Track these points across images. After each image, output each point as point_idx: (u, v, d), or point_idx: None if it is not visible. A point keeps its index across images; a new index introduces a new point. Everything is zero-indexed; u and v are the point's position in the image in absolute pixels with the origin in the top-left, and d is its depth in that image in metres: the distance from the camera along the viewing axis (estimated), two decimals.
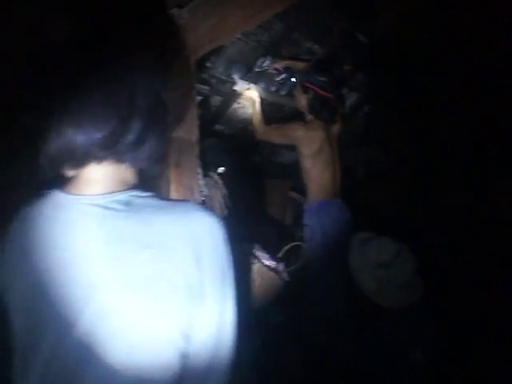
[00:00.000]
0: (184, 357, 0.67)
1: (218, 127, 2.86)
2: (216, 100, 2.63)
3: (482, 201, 2.50)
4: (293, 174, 2.82)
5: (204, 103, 2.59)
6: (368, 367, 1.74)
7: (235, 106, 2.72)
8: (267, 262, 1.47)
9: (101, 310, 0.64)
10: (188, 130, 1.41)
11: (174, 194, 1.32)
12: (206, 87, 2.46)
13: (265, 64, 2.36)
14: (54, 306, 0.65)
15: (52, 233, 0.69)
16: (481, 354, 2.18)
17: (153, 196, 0.73)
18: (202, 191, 1.44)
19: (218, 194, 1.44)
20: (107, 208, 0.69)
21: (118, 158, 0.72)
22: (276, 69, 2.43)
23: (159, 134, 0.75)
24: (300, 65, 2.39)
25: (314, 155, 2.34)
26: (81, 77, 0.68)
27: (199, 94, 2.44)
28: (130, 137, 0.70)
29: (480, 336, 2.24)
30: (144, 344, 0.64)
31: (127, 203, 0.70)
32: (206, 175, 1.49)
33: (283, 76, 2.48)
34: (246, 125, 2.86)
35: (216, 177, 1.47)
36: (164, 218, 0.69)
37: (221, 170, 1.53)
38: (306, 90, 2.40)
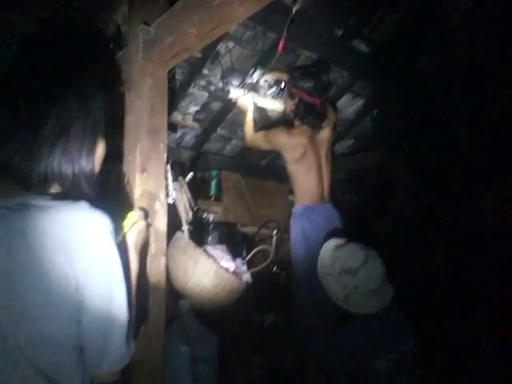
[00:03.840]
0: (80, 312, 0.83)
1: (220, 132, 2.95)
2: (216, 105, 2.73)
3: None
4: None
5: (204, 109, 2.71)
6: (335, 370, 1.77)
7: (235, 111, 2.80)
8: (226, 265, 1.54)
9: None
10: (156, 137, 1.51)
11: (137, 199, 1.41)
12: (205, 93, 2.57)
13: (255, 75, 2.40)
14: None
15: None
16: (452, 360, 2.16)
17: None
18: (170, 195, 1.53)
19: (184, 198, 1.52)
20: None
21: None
22: (266, 81, 2.48)
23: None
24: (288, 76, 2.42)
25: (296, 161, 2.36)
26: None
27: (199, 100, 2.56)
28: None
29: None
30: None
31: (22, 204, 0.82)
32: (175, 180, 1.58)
33: (274, 89, 2.52)
34: None
35: (182, 181, 1.55)
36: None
37: (190, 176, 1.61)
38: (292, 95, 2.40)
